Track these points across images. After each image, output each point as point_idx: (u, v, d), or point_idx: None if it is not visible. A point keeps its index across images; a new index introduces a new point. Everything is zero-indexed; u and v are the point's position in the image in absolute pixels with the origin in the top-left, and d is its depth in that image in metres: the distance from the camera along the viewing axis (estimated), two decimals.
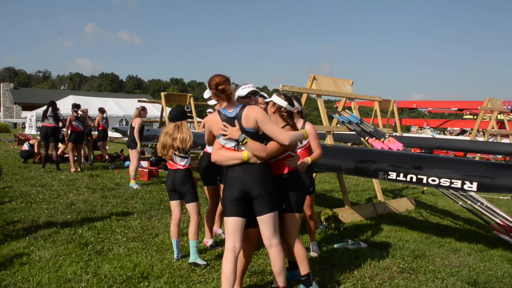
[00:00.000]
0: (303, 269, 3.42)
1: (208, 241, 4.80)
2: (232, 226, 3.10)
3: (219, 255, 4.38)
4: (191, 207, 4.24)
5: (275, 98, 3.48)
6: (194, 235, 4.19)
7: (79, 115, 10.79)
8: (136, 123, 8.60)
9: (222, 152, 3.13)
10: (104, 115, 12.75)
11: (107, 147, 13.30)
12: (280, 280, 3.17)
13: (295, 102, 3.73)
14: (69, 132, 10.46)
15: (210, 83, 3.13)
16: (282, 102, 3.46)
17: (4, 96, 46.10)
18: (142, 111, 8.84)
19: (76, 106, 10.94)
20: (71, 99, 28.01)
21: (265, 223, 3.09)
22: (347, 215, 6.15)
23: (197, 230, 4.22)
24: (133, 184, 8.42)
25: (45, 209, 6.14)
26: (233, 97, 3.16)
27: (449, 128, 27.47)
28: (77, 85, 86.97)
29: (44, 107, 10.36)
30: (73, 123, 10.42)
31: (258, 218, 3.11)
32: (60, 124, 10.66)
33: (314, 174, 6.03)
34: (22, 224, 5.33)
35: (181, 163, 4.22)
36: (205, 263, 4.11)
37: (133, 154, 8.64)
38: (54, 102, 10.81)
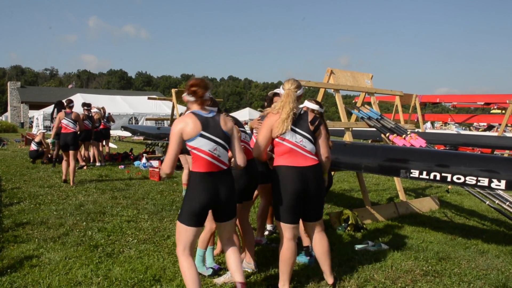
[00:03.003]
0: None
1: (261, 239, 4.73)
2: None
3: None
4: None
5: (307, 103, 4.04)
6: (201, 244, 3.90)
7: (90, 114, 10.98)
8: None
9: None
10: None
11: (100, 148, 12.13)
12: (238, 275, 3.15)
13: None
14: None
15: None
16: (314, 106, 3.99)
17: (11, 95, 44.92)
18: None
19: (86, 105, 11.28)
20: (79, 98, 27.53)
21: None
22: (367, 216, 5.96)
23: (206, 239, 3.89)
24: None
25: (54, 211, 6.06)
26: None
27: (475, 124, 26.42)
28: (85, 82, 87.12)
29: (51, 106, 10.42)
30: (85, 121, 10.59)
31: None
32: None
33: (332, 172, 5.86)
34: (31, 226, 5.25)
35: None
36: (209, 273, 3.81)
37: (183, 159, 7.10)
38: (61, 102, 10.81)
